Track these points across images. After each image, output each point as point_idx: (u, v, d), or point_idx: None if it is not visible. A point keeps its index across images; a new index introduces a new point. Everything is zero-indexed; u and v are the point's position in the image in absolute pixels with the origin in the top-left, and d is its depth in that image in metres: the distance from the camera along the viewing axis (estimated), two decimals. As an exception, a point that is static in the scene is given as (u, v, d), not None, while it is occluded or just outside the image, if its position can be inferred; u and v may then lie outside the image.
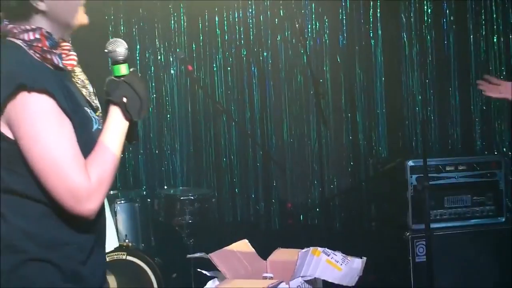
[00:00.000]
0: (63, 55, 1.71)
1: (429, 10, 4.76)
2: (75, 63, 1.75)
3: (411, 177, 3.92)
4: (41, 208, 1.61)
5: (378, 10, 4.80)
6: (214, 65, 4.80)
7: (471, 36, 4.69)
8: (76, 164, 1.57)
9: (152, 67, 4.74)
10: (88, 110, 1.73)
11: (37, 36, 1.65)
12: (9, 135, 1.57)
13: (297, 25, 4.28)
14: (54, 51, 1.68)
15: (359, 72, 4.81)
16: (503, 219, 4.01)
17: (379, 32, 4.80)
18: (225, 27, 4.81)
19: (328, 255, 2.08)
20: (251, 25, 4.82)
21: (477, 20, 4.68)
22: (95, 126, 1.72)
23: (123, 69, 1.74)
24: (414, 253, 3.81)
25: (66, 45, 1.75)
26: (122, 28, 4.73)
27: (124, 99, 1.70)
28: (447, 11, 4.74)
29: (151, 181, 4.69)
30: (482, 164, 4.02)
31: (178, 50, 4.61)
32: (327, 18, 4.82)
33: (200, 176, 4.73)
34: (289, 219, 4.55)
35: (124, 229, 4.01)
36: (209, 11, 4.78)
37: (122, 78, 1.73)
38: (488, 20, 4.65)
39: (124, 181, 4.63)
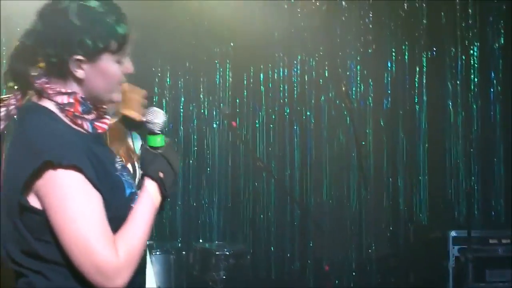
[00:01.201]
0: (96, 119, 1.68)
1: (476, 79, 4.74)
2: (106, 127, 1.71)
3: (453, 247, 3.85)
4: (66, 273, 1.58)
5: (424, 76, 4.81)
6: (257, 122, 4.82)
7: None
8: (103, 239, 1.54)
9: (195, 120, 4.79)
10: (120, 173, 1.69)
11: (71, 100, 1.64)
12: (38, 205, 1.56)
13: (343, 87, 4.32)
14: (86, 116, 1.66)
15: (402, 137, 4.78)
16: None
17: (424, 97, 4.79)
18: (270, 84, 4.85)
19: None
20: (295, 84, 4.85)
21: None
22: (128, 191, 1.68)
23: (159, 140, 1.72)
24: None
25: (102, 107, 1.72)
26: (168, 79, 4.80)
27: (161, 174, 1.68)
28: (494, 81, 4.72)
29: (187, 233, 4.67)
30: (526, 238, 3.94)
31: (222, 105, 4.65)
32: (372, 81, 4.84)
33: (236, 231, 4.70)
34: (326, 282, 4.47)
35: (158, 281, 3.97)
36: (255, 68, 4.84)
37: (159, 151, 1.72)
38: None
39: (160, 232, 4.61)
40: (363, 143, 4.69)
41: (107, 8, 1.65)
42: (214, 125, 4.84)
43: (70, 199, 1.53)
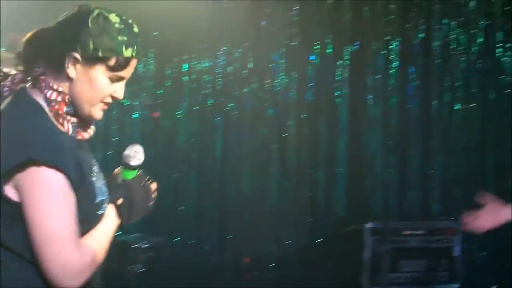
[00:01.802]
0: (80, 125, 1.75)
1: (396, 74, 4.83)
2: (87, 136, 1.78)
3: (370, 239, 3.91)
4: (28, 266, 1.64)
5: (346, 71, 4.86)
6: (179, 113, 4.77)
7: (435, 101, 4.76)
8: (73, 240, 1.61)
9: (115, 110, 4.69)
10: (95, 179, 1.75)
11: (59, 98, 1.70)
12: (13, 197, 1.61)
13: (267, 80, 4.32)
14: (68, 117, 1.72)
15: (323, 129, 4.82)
16: (457, 286, 4.00)
17: (346, 91, 4.84)
18: (193, 75, 4.80)
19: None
20: (219, 75, 4.82)
21: (441, 85, 4.76)
22: (98, 197, 1.74)
23: (131, 175, 1.83)
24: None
25: (90, 120, 1.78)
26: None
27: (119, 201, 1.78)
28: (413, 75, 4.82)
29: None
30: (439, 230, 4.04)
31: (144, 95, 4.57)
32: (296, 74, 4.85)
33: (155, 223, 4.63)
34: (245, 274, 4.47)
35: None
36: (178, 58, 4.78)
37: (126, 181, 1.82)
38: (452, 88, 4.74)
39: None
40: (285, 135, 4.71)
41: (125, 28, 1.71)
42: (135, 116, 4.75)
43: (49, 197, 1.59)
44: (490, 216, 2.57)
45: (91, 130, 1.78)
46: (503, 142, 4.55)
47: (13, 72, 1.79)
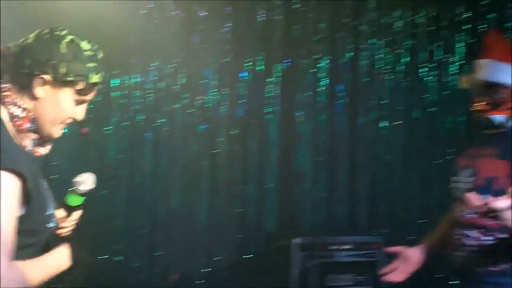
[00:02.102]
0: (38, 142, 1.83)
1: (325, 91, 4.92)
2: (44, 153, 1.87)
3: (299, 254, 3.96)
4: None
5: (278, 87, 4.92)
6: (108, 128, 4.71)
7: (362, 119, 4.88)
8: (8, 252, 1.63)
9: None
10: (45, 193, 1.83)
11: (23, 115, 1.78)
12: None
13: (198, 96, 4.33)
14: (28, 135, 1.78)
15: (254, 145, 4.86)
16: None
17: (276, 108, 4.90)
18: (124, 90, 4.76)
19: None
20: (150, 90, 4.79)
21: (367, 105, 4.88)
22: (48, 211, 1.81)
23: (77, 201, 1.94)
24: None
25: (49, 135, 1.86)
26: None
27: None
28: (341, 93, 4.93)
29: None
30: (364, 244, 4.13)
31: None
32: (228, 90, 4.88)
33: (82, 240, 4.55)
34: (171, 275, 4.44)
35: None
36: (108, 73, 4.72)
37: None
38: (378, 106, 4.87)
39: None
40: (216, 151, 4.73)
41: (94, 55, 1.85)
42: (64, 131, 4.65)
43: (2, 201, 1.63)
44: (404, 265, 2.73)
45: (48, 148, 1.88)
46: (426, 159, 4.69)
47: None
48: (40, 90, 1.80)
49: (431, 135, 4.70)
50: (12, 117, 1.78)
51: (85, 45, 1.84)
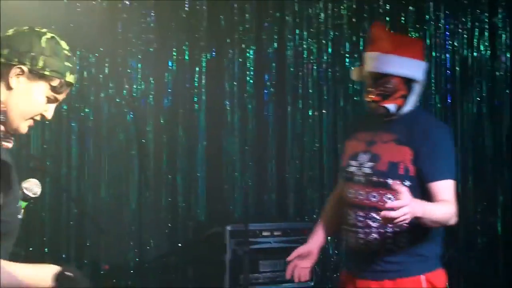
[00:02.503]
0: (5, 136, 1.81)
1: (251, 81, 4.97)
2: (10, 146, 1.83)
3: (230, 241, 3.99)
4: None
5: (203, 76, 4.92)
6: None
7: (289, 108, 4.95)
8: None
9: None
10: (18, 186, 1.84)
11: None
12: None
13: (125, 85, 4.26)
14: None
15: (182, 135, 4.85)
16: (312, 283, 4.19)
17: (203, 97, 4.91)
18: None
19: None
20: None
21: (295, 94, 4.97)
22: (18, 203, 1.82)
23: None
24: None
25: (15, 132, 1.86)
26: None
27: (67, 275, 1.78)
28: (268, 83, 4.99)
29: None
30: (296, 230, 4.21)
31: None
32: (153, 80, 4.84)
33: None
34: (104, 281, 4.37)
35: None
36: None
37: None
38: (305, 95, 4.96)
39: None
40: (144, 141, 4.68)
41: (71, 57, 1.88)
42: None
43: None
44: (304, 263, 2.85)
45: (11, 143, 1.84)
46: None
47: None
48: (14, 81, 1.79)
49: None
50: None
51: (64, 44, 1.87)
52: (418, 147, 2.57)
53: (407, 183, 2.54)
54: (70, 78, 1.86)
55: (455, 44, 4.68)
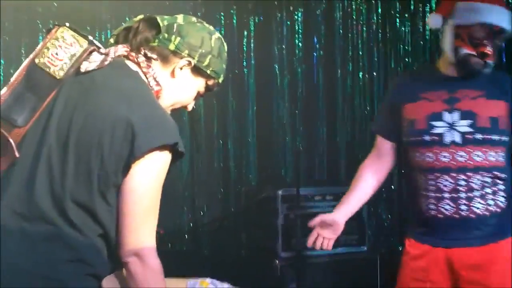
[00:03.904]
0: None
1: (300, 44, 4.92)
2: None
3: (282, 205, 4.01)
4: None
5: (252, 40, 4.89)
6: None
7: (339, 71, 4.90)
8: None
9: None
10: None
11: (156, 88, 1.87)
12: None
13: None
14: None
15: (232, 100, 4.86)
16: (365, 248, 4.19)
17: (252, 61, 4.89)
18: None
19: (216, 287, 2.09)
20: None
21: (344, 57, 4.90)
22: None
23: None
24: (285, 281, 3.88)
25: None
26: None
27: None
28: (317, 45, 4.93)
29: None
30: (347, 195, 4.18)
31: None
32: (201, 45, 4.83)
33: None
34: (159, 246, 4.45)
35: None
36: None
37: None
38: (355, 57, 4.88)
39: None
40: (194, 107, 4.69)
41: (227, 59, 2.02)
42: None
43: (159, 178, 1.80)
44: (328, 233, 2.79)
45: None
46: None
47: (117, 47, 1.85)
48: (179, 71, 1.86)
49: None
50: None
51: (226, 47, 1.95)
52: None
53: (505, 138, 2.52)
54: (221, 79, 1.95)
55: None
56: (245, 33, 4.90)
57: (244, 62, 4.89)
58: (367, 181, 2.79)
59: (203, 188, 4.71)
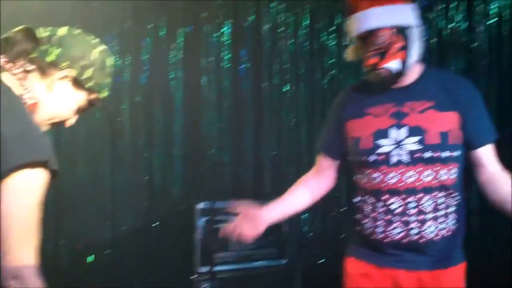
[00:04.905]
0: None
1: (228, 56, 4.90)
2: None
3: (200, 219, 3.98)
4: None
5: (181, 52, 4.86)
6: None
7: (266, 83, 4.89)
8: None
9: None
10: None
11: (30, 102, 1.81)
12: None
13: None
14: None
15: (158, 112, 4.82)
16: (285, 261, 4.18)
17: (180, 73, 4.85)
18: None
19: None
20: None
21: (271, 69, 4.89)
22: None
23: None
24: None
25: None
26: None
27: None
28: (245, 58, 4.91)
29: None
30: (268, 208, 4.16)
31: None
32: (129, 57, 4.79)
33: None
34: (79, 259, 4.39)
35: None
36: None
37: None
38: (282, 70, 4.87)
39: None
40: (119, 119, 4.66)
41: (111, 74, 1.99)
42: None
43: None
44: (248, 224, 2.50)
45: None
46: None
47: None
48: (57, 83, 1.79)
49: (332, 96, 4.71)
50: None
51: (111, 60, 1.90)
52: (465, 110, 2.31)
53: (457, 153, 2.32)
54: (104, 94, 1.90)
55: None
56: (173, 44, 4.86)
57: (172, 74, 4.85)
58: (298, 196, 2.62)
59: (126, 201, 4.64)
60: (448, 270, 2.35)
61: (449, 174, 2.33)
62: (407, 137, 2.29)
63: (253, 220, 2.51)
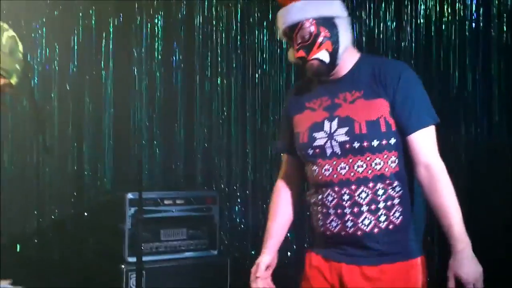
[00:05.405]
0: None
1: (160, 48, 4.90)
2: None
3: (130, 209, 3.96)
4: None
5: (111, 42, 4.82)
6: None
7: (198, 75, 4.91)
8: None
9: None
10: None
11: None
12: None
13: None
14: None
15: (88, 102, 4.76)
16: (216, 252, 4.22)
17: (111, 63, 4.81)
18: None
19: None
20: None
21: (203, 62, 4.91)
22: None
23: None
24: (128, 286, 3.84)
25: None
26: None
27: None
28: (177, 49, 4.92)
29: None
30: (199, 199, 4.22)
31: None
32: (58, 45, 4.72)
33: None
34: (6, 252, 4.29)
35: None
36: None
37: None
38: (213, 63, 4.90)
39: None
40: (48, 107, 4.59)
41: (22, 61, 2.02)
42: None
43: None
44: (263, 282, 2.50)
45: None
46: (265, 115, 4.74)
47: None
48: None
49: (264, 92, 4.76)
50: None
51: (21, 47, 1.90)
52: (393, 95, 2.25)
53: (393, 140, 2.25)
54: (14, 80, 1.89)
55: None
56: (104, 34, 4.82)
57: (102, 64, 4.80)
58: (282, 221, 2.57)
59: (55, 192, 4.58)
60: (396, 265, 2.27)
61: (386, 163, 2.26)
62: (337, 128, 2.28)
63: (266, 277, 2.51)
